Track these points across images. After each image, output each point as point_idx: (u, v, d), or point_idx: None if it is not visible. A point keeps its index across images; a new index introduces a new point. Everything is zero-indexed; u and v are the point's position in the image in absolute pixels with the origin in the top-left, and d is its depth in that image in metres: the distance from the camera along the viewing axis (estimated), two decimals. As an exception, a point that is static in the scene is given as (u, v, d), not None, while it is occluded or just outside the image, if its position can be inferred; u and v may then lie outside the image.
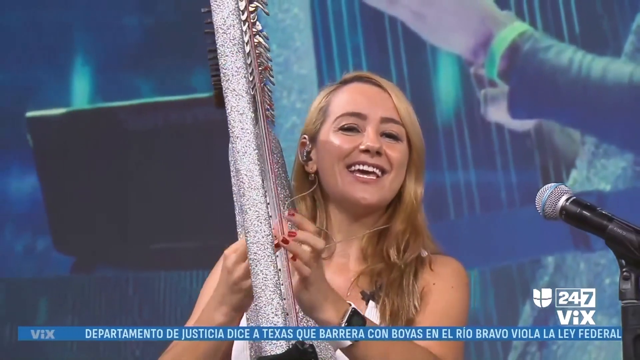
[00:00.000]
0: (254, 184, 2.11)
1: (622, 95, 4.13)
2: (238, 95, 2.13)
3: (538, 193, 2.11)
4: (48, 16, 4.69)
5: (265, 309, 2.10)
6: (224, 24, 2.13)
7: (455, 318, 2.35)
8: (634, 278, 1.96)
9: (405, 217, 2.40)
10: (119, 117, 4.64)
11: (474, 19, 4.26)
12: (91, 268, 4.66)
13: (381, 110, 2.40)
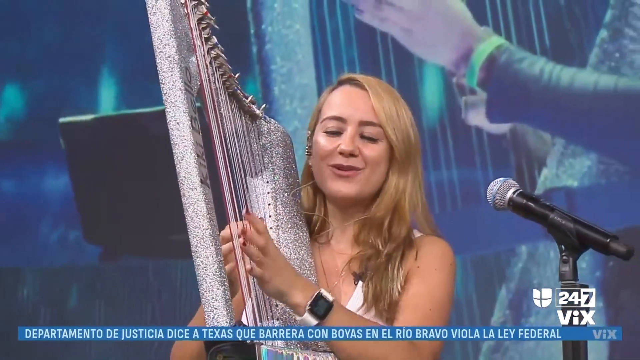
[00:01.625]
0: (192, 184, 2.12)
1: (588, 102, 4.12)
2: (175, 107, 2.12)
3: (489, 187, 2.10)
4: (79, 32, 4.70)
5: (206, 295, 2.06)
6: (160, 43, 2.12)
7: (438, 298, 2.32)
8: (571, 261, 1.99)
9: (384, 205, 2.37)
10: (141, 122, 4.65)
11: (456, 34, 4.26)
12: (117, 257, 4.67)
13: (360, 113, 2.38)
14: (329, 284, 2.34)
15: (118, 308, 4.60)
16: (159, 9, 2.11)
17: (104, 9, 4.70)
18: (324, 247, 2.40)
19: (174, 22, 2.11)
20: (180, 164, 2.13)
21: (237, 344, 2.06)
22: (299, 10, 4.43)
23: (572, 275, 1.97)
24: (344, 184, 2.36)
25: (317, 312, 2.17)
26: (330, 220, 2.41)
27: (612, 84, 4.10)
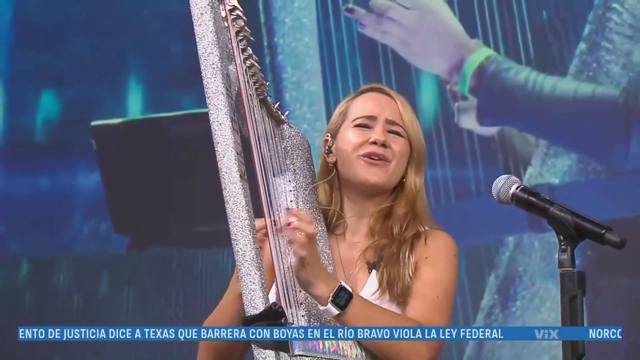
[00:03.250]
0: (233, 179, 2.11)
1: (568, 107, 4.12)
2: (217, 109, 2.13)
3: (494, 183, 2.11)
4: (108, 43, 4.71)
5: (244, 279, 2.09)
6: (205, 52, 2.14)
7: (444, 286, 2.32)
8: (569, 250, 1.98)
9: (407, 202, 2.39)
10: (165, 125, 4.65)
11: (449, 46, 4.26)
12: (143, 247, 4.67)
13: (388, 113, 2.41)
14: (345, 273, 2.35)
15: (144, 293, 4.60)
16: (204, 21, 2.14)
17: (129, 23, 4.70)
18: (340, 238, 2.41)
19: (217, 33, 2.14)
20: (222, 161, 2.12)
21: (272, 322, 2.07)
22: (307, 24, 4.44)
23: (570, 262, 1.98)
24: (376, 171, 2.37)
25: (339, 303, 2.19)
26: (347, 213, 2.41)
27: (590, 91, 4.10)
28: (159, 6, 4.65)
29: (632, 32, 4.09)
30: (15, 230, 4.74)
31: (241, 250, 2.09)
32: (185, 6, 4.67)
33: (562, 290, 1.97)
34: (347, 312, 2.19)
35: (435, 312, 2.29)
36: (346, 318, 2.19)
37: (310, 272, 2.18)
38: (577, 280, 1.97)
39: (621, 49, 4.09)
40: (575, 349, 1.96)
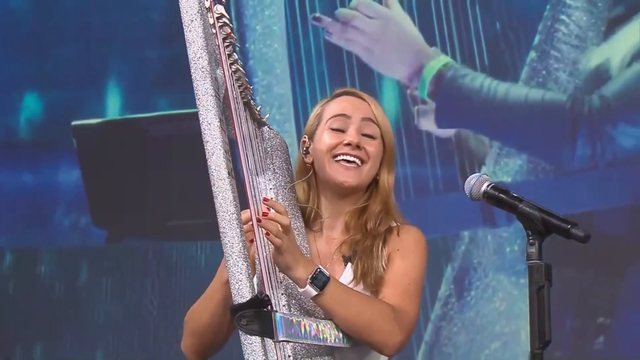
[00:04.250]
0: (221, 176, 2.09)
1: (520, 111, 4.13)
2: (207, 110, 2.11)
3: (466, 181, 2.10)
4: (89, 49, 4.68)
5: (232, 269, 2.07)
6: (195, 56, 2.11)
7: (414, 275, 2.33)
8: (537, 244, 1.99)
9: (380, 200, 2.39)
10: (142, 125, 4.62)
11: (409, 54, 4.26)
12: (121, 239, 4.65)
13: (362, 113, 2.39)
14: (322, 266, 2.34)
15: (122, 283, 4.58)
16: (194, 27, 2.11)
17: (110, 29, 4.67)
18: (318, 234, 2.39)
19: (206, 39, 2.11)
20: (211, 159, 2.11)
21: (258, 310, 2.07)
22: (277, 31, 4.42)
23: (537, 255, 1.98)
24: (350, 174, 2.35)
25: (317, 284, 2.18)
26: (323, 210, 2.40)
27: (540, 97, 4.12)
28: (138, 14, 4.62)
29: (578, 42, 4.11)
30: (0, 223, 4.70)
31: (229, 243, 2.07)
32: (163, 14, 4.68)
33: (530, 281, 1.98)
34: (325, 293, 2.18)
35: (405, 298, 2.29)
36: (324, 299, 2.19)
37: (288, 257, 2.17)
38: (544, 272, 1.98)
39: (568, 57, 4.11)
40: (542, 336, 1.96)
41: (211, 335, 2.32)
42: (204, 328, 2.32)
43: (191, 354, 2.36)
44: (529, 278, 1.97)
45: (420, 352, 4.13)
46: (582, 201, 4.00)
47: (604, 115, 4.03)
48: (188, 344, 2.36)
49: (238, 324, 2.07)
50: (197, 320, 2.33)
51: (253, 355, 2.05)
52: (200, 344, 2.34)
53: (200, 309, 2.33)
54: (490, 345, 4.07)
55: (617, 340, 3.95)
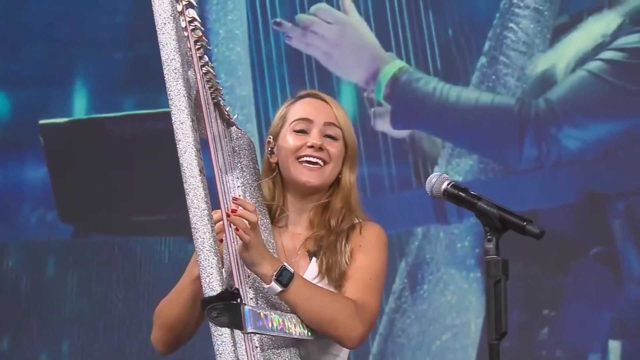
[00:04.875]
0: (193, 173, 2.07)
1: (470, 114, 4.15)
2: (179, 110, 2.10)
3: (427, 180, 2.10)
4: (57, 51, 4.64)
5: (203, 264, 2.06)
6: (168, 58, 2.09)
7: (375, 270, 2.33)
8: (494, 240, 1.98)
9: (342, 197, 2.38)
10: (107, 125, 4.59)
11: (366, 58, 4.27)
12: (86, 234, 4.61)
13: (324, 116, 2.38)
14: (288, 261, 2.32)
15: (87, 276, 4.54)
16: (167, 30, 2.09)
17: (77, 31, 4.63)
18: (283, 230, 2.39)
19: (178, 41, 2.09)
20: (183, 157, 2.08)
21: (228, 303, 2.06)
22: (239, 35, 4.41)
23: (495, 251, 1.98)
24: (313, 174, 2.35)
25: (282, 281, 2.17)
26: (288, 208, 2.39)
27: (490, 100, 4.14)
28: (104, 17, 4.59)
29: (525, 48, 4.14)
30: (-32, 219, 4.66)
31: (200, 238, 2.05)
32: (128, 18, 4.65)
33: (488, 275, 1.98)
34: (289, 289, 2.17)
35: (367, 293, 2.29)
36: (288, 295, 2.18)
37: (254, 254, 2.16)
38: (501, 266, 1.98)
39: (516, 63, 4.13)
40: (499, 327, 1.97)
41: (180, 328, 2.31)
42: (173, 321, 2.30)
43: (160, 345, 2.34)
44: (486, 272, 1.97)
45: (375, 343, 4.14)
46: (529, 200, 4.03)
47: (550, 118, 4.05)
48: (157, 337, 2.34)
49: (209, 316, 2.06)
50: (166, 313, 2.31)
51: (223, 345, 2.04)
52: (170, 337, 2.33)
53: (170, 302, 2.32)
54: (441, 337, 4.09)
55: (561, 331, 3.98)
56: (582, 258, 3.98)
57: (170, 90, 2.08)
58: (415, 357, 4.10)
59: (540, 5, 4.12)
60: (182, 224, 4.47)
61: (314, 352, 2.30)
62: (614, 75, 4.00)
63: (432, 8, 4.22)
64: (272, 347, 2.20)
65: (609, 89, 4.00)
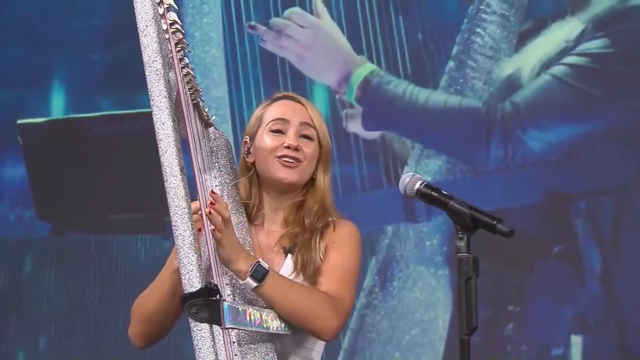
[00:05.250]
0: (174, 172, 2.07)
1: (439, 116, 4.15)
2: (161, 110, 2.08)
3: (400, 180, 2.11)
4: (36, 52, 4.60)
5: (183, 260, 2.05)
6: (149, 59, 2.09)
7: (349, 266, 2.33)
8: (466, 238, 2.00)
9: (317, 197, 2.39)
10: (85, 125, 4.56)
11: (338, 61, 4.27)
12: (64, 232, 4.58)
13: (300, 117, 2.39)
14: (264, 257, 2.32)
15: (65, 273, 4.52)
16: (149, 33, 2.08)
17: (55, 33, 4.60)
18: (259, 228, 2.39)
19: (160, 43, 2.09)
20: (164, 156, 2.07)
21: (207, 299, 2.06)
22: (214, 38, 4.40)
23: (466, 249, 1.99)
24: (290, 171, 2.36)
25: (256, 276, 2.17)
26: (264, 206, 2.40)
27: (458, 103, 4.15)
28: (82, 20, 4.56)
29: (492, 53, 4.15)
30: (-53, 216, 4.62)
31: (181, 235, 2.05)
32: (105, 20, 4.62)
33: (459, 273, 1.99)
34: (264, 284, 2.17)
35: (341, 287, 2.29)
36: (264, 290, 2.18)
37: (229, 251, 2.16)
38: (472, 264, 1.99)
39: (483, 67, 4.14)
40: (469, 323, 1.98)
41: (158, 322, 2.30)
42: (151, 315, 2.29)
43: (138, 339, 2.34)
44: (457, 270, 1.98)
45: (346, 338, 4.14)
46: (495, 199, 4.04)
47: (515, 121, 4.07)
48: (135, 330, 2.33)
49: (188, 312, 2.05)
50: (145, 307, 2.31)
51: (202, 341, 2.04)
52: (148, 331, 2.32)
53: (148, 297, 2.31)
54: (410, 332, 4.10)
55: (525, 326, 4.00)
56: (545, 256, 3.99)
57: (152, 91, 2.08)
58: (385, 351, 4.10)
59: (506, 11, 4.14)
60: (158, 222, 4.50)
61: (290, 346, 2.30)
62: (576, 80, 4.02)
63: (403, 13, 4.22)
64: (249, 342, 2.19)
65: (572, 93, 4.02)
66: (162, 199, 2.09)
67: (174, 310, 2.28)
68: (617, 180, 3.96)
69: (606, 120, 3.97)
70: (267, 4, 4.34)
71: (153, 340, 2.33)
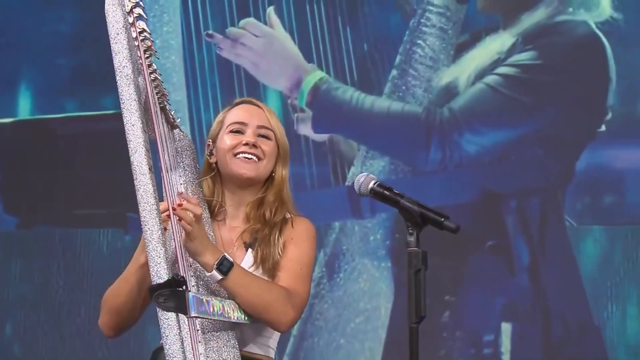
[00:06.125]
0: (143, 171, 2.05)
1: (383, 120, 4.16)
2: (131, 113, 2.06)
3: (355, 179, 2.11)
4: (4, 56, 4.53)
5: (152, 254, 2.04)
6: (120, 65, 2.07)
7: (306, 261, 2.34)
8: (415, 234, 2.01)
9: (275, 191, 2.40)
10: (51, 125, 4.50)
11: (290, 68, 4.26)
12: (30, 226, 4.51)
13: (257, 120, 2.41)
14: (225, 252, 2.32)
15: (30, 264, 4.45)
16: (120, 40, 2.06)
17: (22, 39, 4.53)
18: (221, 224, 2.38)
19: (130, 50, 2.06)
20: (134, 156, 2.05)
21: (174, 290, 2.04)
22: (174, 45, 4.36)
23: (415, 243, 2.00)
24: (249, 167, 2.36)
25: (222, 269, 2.17)
26: (226, 203, 2.39)
27: (400, 108, 4.16)
28: (49, 26, 4.50)
29: (431, 63, 4.17)
30: None
31: (149, 230, 2.03)
32: (70, 26, 4.55)
33: (409, 265, 2.00)
34: (229, 277, 2.17)
35: (298, 281, 2.29)
36: (228, 283, 2.18)
37: (197, 244, 2.14)
38: (421, 257, 2.00)
39: (424, 76, 4.16)
40: (418, 312, 1.98)
41: (127, 313, 2.28)
42: (120, 307, 2.28)
43: (108, 329, 2.32)
44: (408, 263, 1.99)
45: (296, 325, 4.12)
46: (434, 197, 4.06)
47: (453, 126, 4.09)
48: (105, 321, 2.31)
49: (156, 302, 2.04)
50: (114, 299, 2.29)
51: (169, 329, 2.02)
52: (117, 321, 2.30)
53: (117, 289, 2.29)
54: (355, 319, 4.10)
55: (460, 314, 4.02)
56: (479, 250, 4.02)
57: (123, 95, 2.05)
58: (332, 337, 4.10)
59: (444, 25, 4.16)
60: (120, 217, 4.45)
61: (248, 335, 2.29)
62: (508, 88, 4.05)
63: (350, 25, 4.23)
64: (211, 330, 2.18)
65: (504, 100, 4.05)
66: (124, 195, 2.07)
67: (141, 301, 2.27)
68: (544, 181, 3.99)
69: (534, 126, 4.01)
70: (223, 14, 4.31)
71: (122, 330, 2.32)
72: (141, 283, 2.22)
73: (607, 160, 3.92)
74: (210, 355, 2.14)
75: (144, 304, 2.28)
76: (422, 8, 4.16)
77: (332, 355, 4.09)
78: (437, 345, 3.97)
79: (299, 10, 4.26)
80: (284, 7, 4.28)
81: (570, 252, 3.92)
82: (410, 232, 2.00)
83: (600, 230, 3.90)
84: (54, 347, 4.35)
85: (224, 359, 2.17)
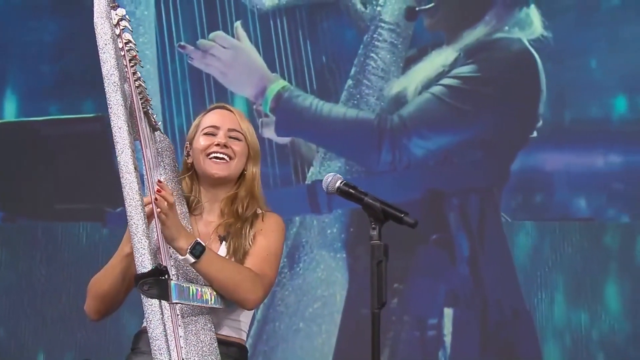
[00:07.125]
0: (129, 170, 2.04)
1: (339, 125, 4.16)
2: (118, 117, 2.05)
3: (324, 178, 2.12)
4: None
5: (137, 245, 2.02)
6: (108, 73, 2.05)
7: (273, 249, 2.35)
8: (378, 228, 2.03)
9: (247, 187, 2.39)
10: (35, 127, 4.42)
11: (255, 77, 4.24)
12: (14, 220, 4.43)
13: (229, 123, 2.40)
14: None
15: (15, 254, 4.37)
16: (107, 50, 2.04)
17: (8, 46, 4.45)
18: (198, 218, 2.37)
19: (117, 59, 2.04)
20: (120, 156, 2.03)
21: (157, 278, 2.02)
22: (149, 55, 4.32)
23: (378, 237, 2.01)
24: (221, 167, 2.35)
25: (195, 253, 2.16)
26: (202, 199, 2.38)
27: (355, 115, 4.17)
28: (34, 35, 4.43)
29: (383, 74, 4.18)
30: None
31: (135, 224, 2.02)
32: (53, 35, 4.48)
33: (372, 257, 2.01)
34: (201, 260, 2.16)
35: (265, 265, 2.30)
36: (201, 266, 2.16)
37: (173, 230, 2.13)
38: (383, 250, 2.00)
39: (376, 85, 4.17)
40: (380, 299, 1.98)
41: (110, 298, 2.27)
42: (105, 293, 2.26)
43: (93, 313, 2.31)
44: (370, 254, 1.99)
45: (259, 311, 4.12)
46: (385, 195, 3.87)
47: (402, 131, 4.11)
48: (90, 306, 2.30)
49: (140, 289, 2.02)
50: (99, 286, 2.27)
51: (153, 314, 2.01)
52: (101, 306, 2.29)
53: (102, 277, 2.28)
54: (313, 305, 4.10)
55: (407, 300, 4.05)
56: (425, 243, 4.04)
57: (110, 100, 2.04)
58: (292, 322, 4.10)
59: (395, 40, 4.18)
60: (98, 212, 4.39)
61: (222, 318, 2.29)
62: (451, 98, 4.08)
63: (310, 39, 4.23)
64: (190, 314, 2.18)
65: (448, 108, 4.08)
66: (103, 191, 2.04)
67: (124, 288, 2.26)
68: (482, 181, 4.03)
69: (474, 132, 4.04)
70: (194, 27, 4.28)
71: (106, 314, 2.31)
72: (125, 272, 2.21)
73: (538, 163, 3.96)
74: (189, 337, 2.13)
75: (127, 290, 2.27)
76: (375, 25, 4.17)
77: (292, 337, 4.09)
78: (387, 328, 3.98)
79: (263, 24, 4.25)
80: (250, 22, 4.26)
81: (505, 245, 3.96)
82: (373, 227, 2.01)
83: (531, 225, 3.95)
84: (36, 330, 4.28)
85: (201, 340, 2.16)
